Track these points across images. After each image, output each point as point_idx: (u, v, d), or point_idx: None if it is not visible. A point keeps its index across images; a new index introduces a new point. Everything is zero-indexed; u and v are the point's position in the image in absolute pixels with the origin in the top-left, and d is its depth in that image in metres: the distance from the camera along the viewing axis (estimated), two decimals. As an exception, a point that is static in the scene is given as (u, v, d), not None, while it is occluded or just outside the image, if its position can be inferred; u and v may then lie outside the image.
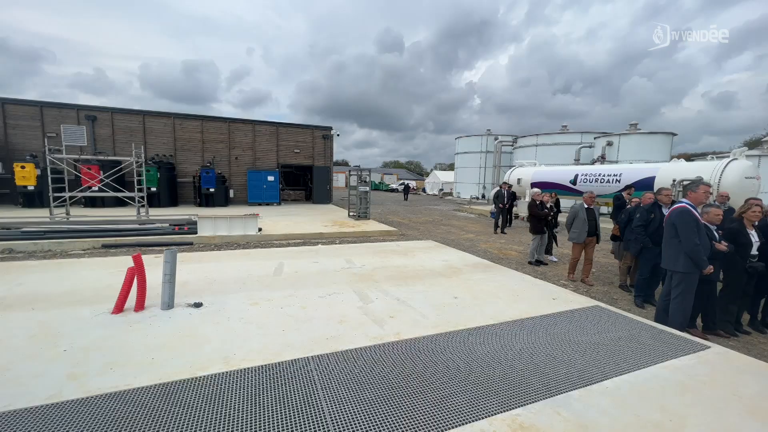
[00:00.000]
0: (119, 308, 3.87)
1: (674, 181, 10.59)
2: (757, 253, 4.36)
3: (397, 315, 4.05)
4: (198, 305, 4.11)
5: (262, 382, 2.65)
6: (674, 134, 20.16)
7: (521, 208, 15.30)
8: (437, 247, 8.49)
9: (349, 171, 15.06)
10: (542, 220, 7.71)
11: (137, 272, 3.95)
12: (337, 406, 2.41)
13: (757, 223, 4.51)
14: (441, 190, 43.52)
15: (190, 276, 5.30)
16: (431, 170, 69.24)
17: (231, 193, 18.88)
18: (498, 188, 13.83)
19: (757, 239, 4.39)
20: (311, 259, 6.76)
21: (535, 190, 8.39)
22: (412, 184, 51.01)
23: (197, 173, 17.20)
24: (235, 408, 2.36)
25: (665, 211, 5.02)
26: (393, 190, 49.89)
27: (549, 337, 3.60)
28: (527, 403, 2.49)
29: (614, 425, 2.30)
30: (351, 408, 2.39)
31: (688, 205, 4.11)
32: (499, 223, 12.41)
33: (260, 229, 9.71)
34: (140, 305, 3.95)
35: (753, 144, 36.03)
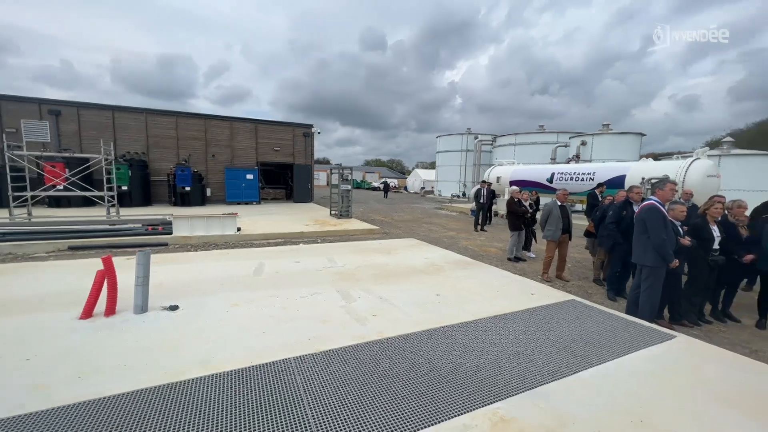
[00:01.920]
0: (88, 313, 3.68)
1: (643, 179, 11.07)
2: (718, 247, 4.63)
3: (379, 313, 4.05)
4: (174, 308, 3.97)
5: (243, 385, 2.59)
6: (643, 134, 21.15)
7: (500, 206, 15.63)
8: (419, 245, 8.54)
9: (331, 169, 14.91)
10: (520, 217, 7.90)
11: (107, 275, 3.77)
12: (320, 406, 2.38)
13: (719, 219, 4.79)
14: (422, 188, 43.85)
15: (166, 278, 5.10)
16: (413, 169, 69.69)
17: (208, 192, 18.32)
18: (478, 187, 14.06)
19: (719, 234, 4.66)
20: (292, 258, 6.65)
21: (514, 188, 8.59)
22: (393, 182, 51.19)
23: (172, 171, 16.57)
24: (214, 413, 2.29)
25: (636, 208, 5.25)
26: (375, 189, 49.88)
27: (528, 331, 3.70)
28: (507, 397, 2.55)
29: (590, 415, 2.38)
30: (334, 407, 2.37)
31: (656, 203, 4.31)
32: (479, 220, 12.65)
33: (239, 229, 9.48)
34: (111, 310, 3.77)
35: (714, 144, 38.18)
